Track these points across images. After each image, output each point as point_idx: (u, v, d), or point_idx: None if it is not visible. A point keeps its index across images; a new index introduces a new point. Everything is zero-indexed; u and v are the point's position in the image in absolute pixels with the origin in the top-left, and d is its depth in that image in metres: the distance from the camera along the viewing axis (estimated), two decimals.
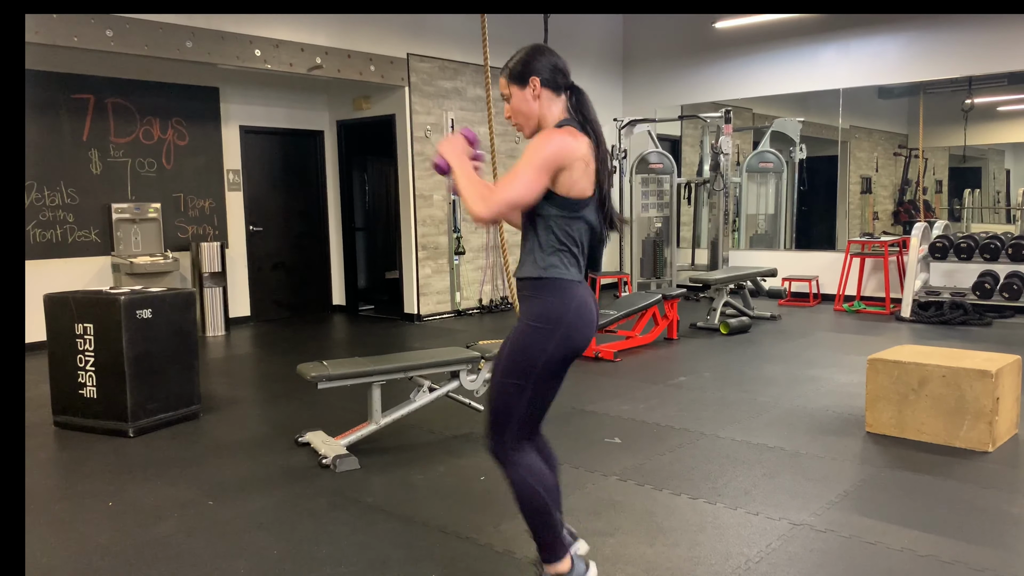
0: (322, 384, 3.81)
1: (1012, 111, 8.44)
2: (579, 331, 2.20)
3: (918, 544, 2.81)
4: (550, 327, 2.17)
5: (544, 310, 2.18)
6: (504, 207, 2.09)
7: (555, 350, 2.17)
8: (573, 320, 2.18)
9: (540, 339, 2.17)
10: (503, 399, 2.21)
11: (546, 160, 2.10)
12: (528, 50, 2.27)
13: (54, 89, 6.80)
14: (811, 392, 4.99)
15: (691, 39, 10.03)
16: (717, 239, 9.22)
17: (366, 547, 2.88)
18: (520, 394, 2.19)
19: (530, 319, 2.19)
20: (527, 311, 2.21)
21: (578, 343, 2.21)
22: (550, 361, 2.18)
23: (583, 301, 2.22)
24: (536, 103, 2.23)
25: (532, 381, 2.18)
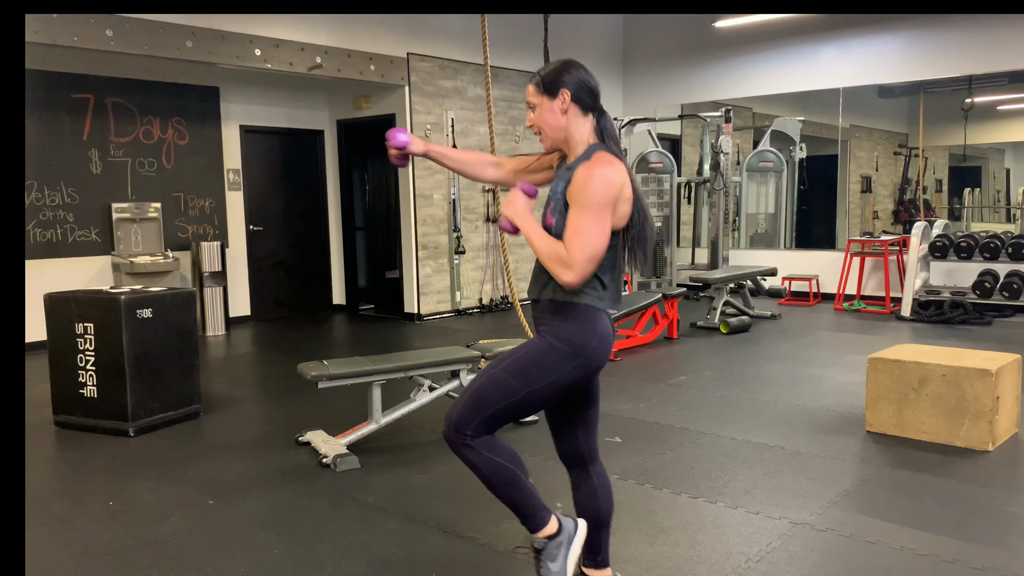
0: (322, 383, 3.81)
1: (1012, 110, 8.44)
2: (597, 360, 2.18)
3: (918, 543, 2.81)
4: (572, 352, 2.14)
5: (571, 334, 2.14)
6: (589, 266, 2.05)
7: (568, 375, 2.15)
8: (595, 350, 2.16)
9: (559, 360, 2.13)
10: (491, 390, 2.15)
11: (604, 204, 2.05)
12: (562, 63, 2.21)
13: (54, 89, 6.80)
14: (811, 391, 4.99)
15: (691, 38, 10.03)
16: (717, 238, 9.22)
17: (367, 546, 2.88)
18: (510, 395, 2.15)
19: (554, 338, 2.15)
20: (551, 330, 2.16)
21: (593, 370, 2.20)
22: (558, 383, 2.15)
23: (606, 331, 2.20)
24: (564, 117, 2.18)
25: (528, 391, 2.15)
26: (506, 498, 2.22)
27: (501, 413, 2.17)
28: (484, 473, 2.18)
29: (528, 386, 2.14)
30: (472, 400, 2.17)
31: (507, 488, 2.20)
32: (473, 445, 2.16)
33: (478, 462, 2.17)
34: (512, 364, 2.17)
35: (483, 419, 2.16)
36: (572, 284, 2.06)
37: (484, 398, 2.17)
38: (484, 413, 2.16)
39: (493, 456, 2.17)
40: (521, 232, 2.16)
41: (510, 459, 2.20)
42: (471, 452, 2.17)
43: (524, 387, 2.15)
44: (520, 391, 2.15)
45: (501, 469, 2.18)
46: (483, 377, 2.19)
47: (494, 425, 2.20)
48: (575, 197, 2.07)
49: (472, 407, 2.17)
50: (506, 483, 2.19)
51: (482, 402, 2.16)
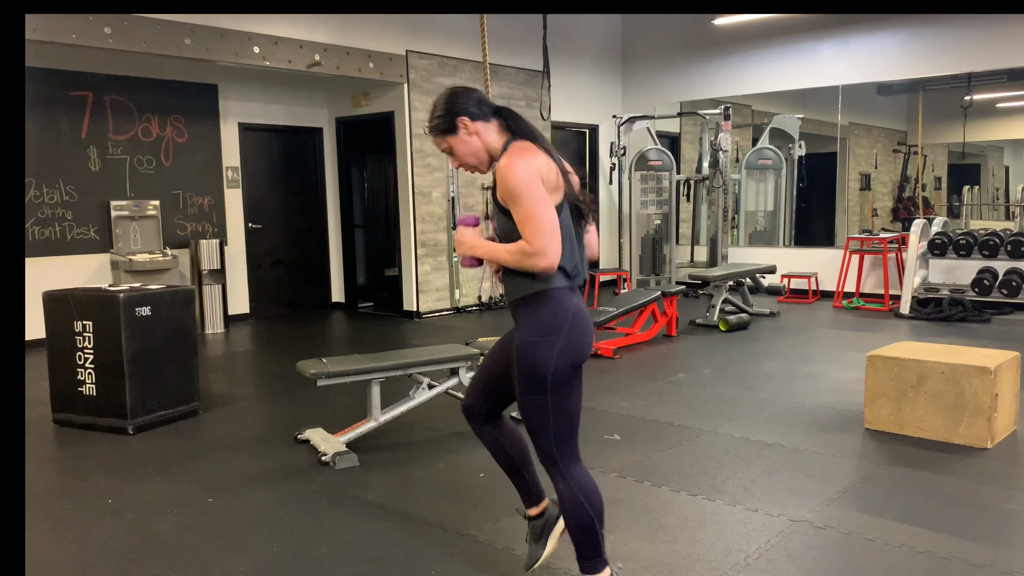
0: (321, 381, 3.81)
1: (1011, 107, 8.44)
2: (580, 338, 2.19)
3: (917, 540, 2.81)
4: (550, 339, 2.14)
5: (540, 323, 2.14)
6: (553, 242, 2.06)
7: (559, 360, 2.14)
8: (572, 328, 2.16)
9: (543, 352, 2.14)
10: (532, 417, 2.19)
11: (531, 184, 2.06)
12: (444, 100, 2.24)
13: (53, 86, 6.79)
14: (810, 389, 5.00)
15: (690, 36, 10.02)
16: (716, 236, 9.22)
17: (366, 544, 2.88)
18: (544, 409, 2.17)
19: (528, 335, 2.16)
20: (524, 327, 2.17)
21: (582, 349, 2.20)
22: (557, 372, 2.15)
23: (578, 309, 2.19)
24: (476, 139, 2.21)
25: (548, 394, 2.16)
26: (573, 534, 2.25)
27: (558, 427, 2.18)
28: (565, 503, 2.22)
29: (543, 390, 2.16)
30: (533, 438, 2.23)
31: (579, 528, 2.23)
32: (570, 475, 2.22)
33: (565, 493, 2.22)
34: (521, 385, 2.19)
35: (554, 442, 2.19)
36: (551, 266, 2.08)
37: (534, 429, 2.21)
38: (547, 437, 2.18)
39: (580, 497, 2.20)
40: (484, 259, 2.19)
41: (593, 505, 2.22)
42: (562, 483, 2.22)
43: (543, 393, 2.16)
44: (546, 399, 2.16)
45: (583, 511, 2.21)
46: (521, 412, 2.23)
47: (568, 444, 2.21)
48: (505, 194, 2.09)
49: (538, 441, 2.21)
50: (580, 524, 2.23)
51: (537, 433, 2.20)
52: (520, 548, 2.80)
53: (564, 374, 2.16)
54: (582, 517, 2.22)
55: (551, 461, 2.22)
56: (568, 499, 2.22)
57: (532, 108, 9.29)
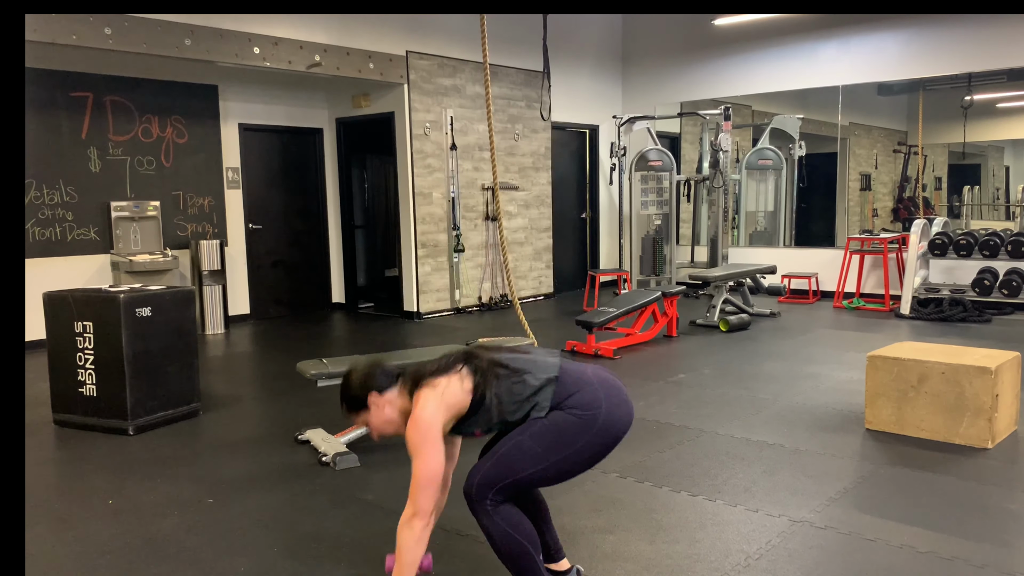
0: (322, 382, 3.82)
1: (1012, 107, 8.43)
2: (616, 422, 2.20)
3: (917, 541, 2.81)
4: (589, 415, 2.16)
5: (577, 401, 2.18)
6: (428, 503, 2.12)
7: (592, 441, 2.17)
8: (608, 411, 2.18)
9: (580, 426, 2.16)
10: (515, 457, 2.18)
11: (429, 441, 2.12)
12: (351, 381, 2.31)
13: (53, 87, 6.79)
14: (811, 389, 4.99)
15: (690, 36, 10.02)
16: (716, 236, 9.22)
17: (366, 544, 2.88)
18: (536, 463, 2.17)
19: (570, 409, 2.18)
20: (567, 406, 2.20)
21: (616, 434, 2.21)
22: (581, 453, 2.17)
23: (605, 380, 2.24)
24: (390, 408, 2.28)
25: (557, 461, 2.17)
26: (511, 568, 2.26)
27: (526, 480, 2.20)
28: (496, 541, 2.22)
29: (554, 454, 2.17)
30: (499, 463, 2.20)
31: (513, 561, 2.23)
32: (491, 512, 2.21)
33: (493, 530, 2.21)
34: (538, 431, 2.19)
35: (506, 484, 2.20)
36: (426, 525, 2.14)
37: (511, 463, 2.19)
38: (508, 479, 2.19)
39: (510, 530, 2.20)
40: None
41: (526, 536, 2.22)
42: (487, 518, 2.21)
43: (550, 455, 2.17)
44: (547, 459, 2.17)
45: (512, 542, 2.21)
46: (510, 443, 2.21)
47: (515, 492, 2.23)
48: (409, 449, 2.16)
49: (498, 471, 2.20)
50: (514, 556, 2.22)
51: (509, 467, 2.19)
52: None
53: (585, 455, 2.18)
54: (514, 547, 2.21)
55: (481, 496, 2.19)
56: (496, 533, 2.21)
57: (532, 108, 9.29)
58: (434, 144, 8.28)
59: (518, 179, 9.23)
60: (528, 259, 9.44)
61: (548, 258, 9.74)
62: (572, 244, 10.44)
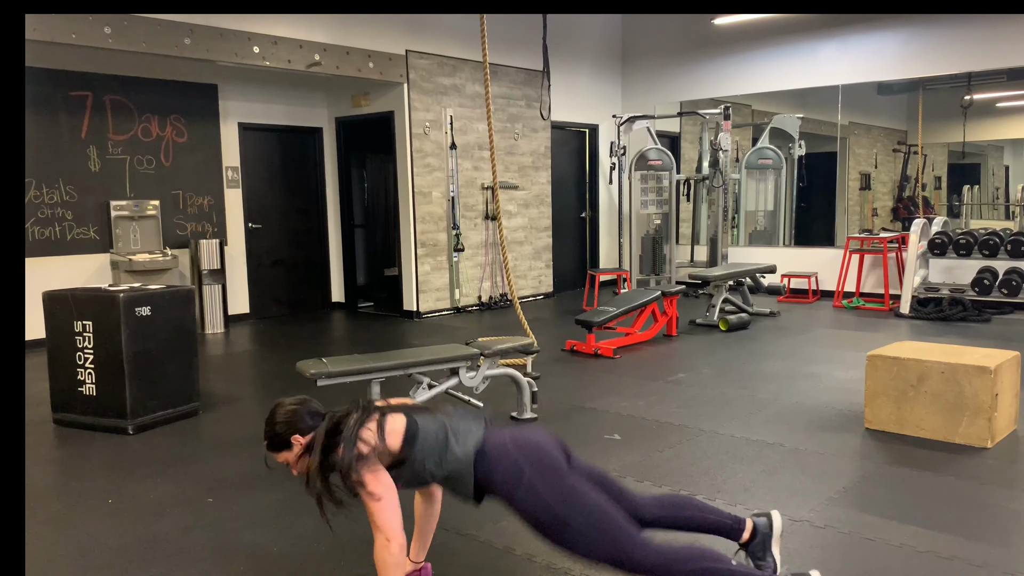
0: (321, 381, 3.81)
1: (1011, 107, 8.44)
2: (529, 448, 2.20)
3: (917, 540, 2.81)
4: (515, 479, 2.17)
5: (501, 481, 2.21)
6: (396, 520, 2.17)
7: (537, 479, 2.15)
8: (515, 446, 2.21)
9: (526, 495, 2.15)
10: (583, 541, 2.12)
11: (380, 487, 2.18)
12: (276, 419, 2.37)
13: (52, 86, 6.79)
14: (810, 388, 5.00)
15: (690, 35, 10.02)
16: (716, 236, 9.22)
17: (366, 544, 2.88)
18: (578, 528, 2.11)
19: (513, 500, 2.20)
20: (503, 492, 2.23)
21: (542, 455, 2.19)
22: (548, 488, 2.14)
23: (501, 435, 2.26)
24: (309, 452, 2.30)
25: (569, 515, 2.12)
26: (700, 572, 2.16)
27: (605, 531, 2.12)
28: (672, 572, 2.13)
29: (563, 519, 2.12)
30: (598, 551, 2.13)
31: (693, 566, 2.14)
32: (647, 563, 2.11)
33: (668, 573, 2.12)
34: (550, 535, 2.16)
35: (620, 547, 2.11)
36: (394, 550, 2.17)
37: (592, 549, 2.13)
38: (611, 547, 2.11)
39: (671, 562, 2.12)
40: None
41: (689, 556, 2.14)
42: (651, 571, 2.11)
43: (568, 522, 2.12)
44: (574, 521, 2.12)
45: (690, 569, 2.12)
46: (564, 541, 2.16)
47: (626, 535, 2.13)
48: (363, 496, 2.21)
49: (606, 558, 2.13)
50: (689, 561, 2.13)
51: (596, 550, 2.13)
52: (520, 548, 2.80)
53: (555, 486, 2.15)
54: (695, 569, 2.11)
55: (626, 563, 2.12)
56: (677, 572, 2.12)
57: (532, 108, 9.29)
58: (434, 143, 8.28)
59: (518, 178, 9.23)
60: (528, 258, 9.44)
61: (548, 257, 9.74)
62: (572, 243, 10.44)
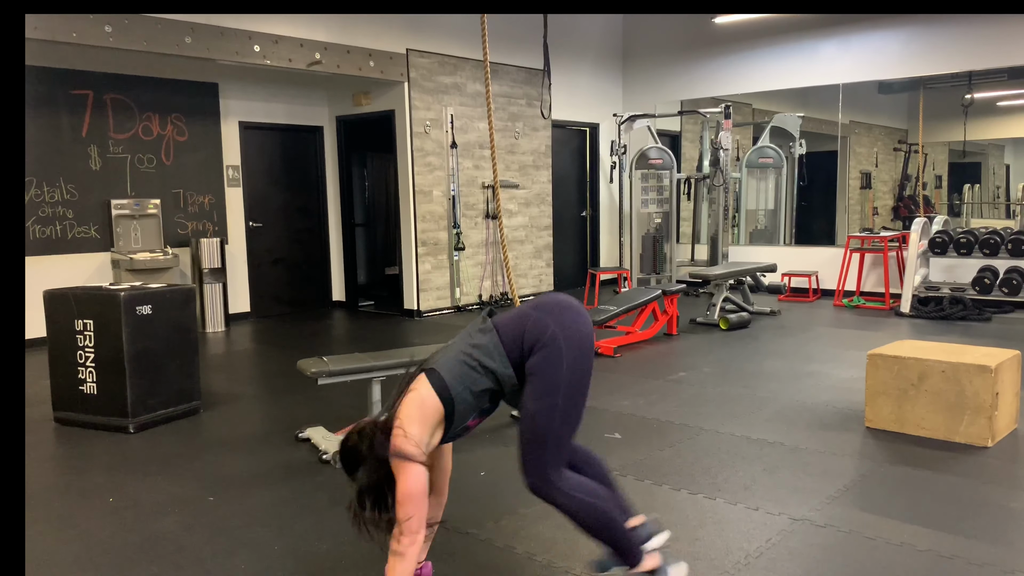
0: (322, 380, 3.82)
1: (1012, 106, 8.43)
2: (576, 326, 2.22)
3: (917, 539, 2.81)
4: (546, 339, 2.19)
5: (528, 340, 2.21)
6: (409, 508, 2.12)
7: (569, 354, 2.19)
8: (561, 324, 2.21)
9: (551, 355, 2.18)
10: (537, 424, 2.19)
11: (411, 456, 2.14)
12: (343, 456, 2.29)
13: (53, 85, 6.79)
14: (811, 387, 5.00)
15: (691, 34, 10.02)
16: (717, 235, 9.22)
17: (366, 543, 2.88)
18: (552, 412, 2.19)
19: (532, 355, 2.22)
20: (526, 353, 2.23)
21: (583, 336, 2.23)
22: (572, 367, 2.19)
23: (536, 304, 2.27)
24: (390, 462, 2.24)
25: (562, 393, 2.19)
26: (600, 536, 2.25)
27: (560, 434, 2.20)
28: (573, 515, 2.21)
29: (556, 391, 2.18)
30: (527, 447, 2.21)
31: (599, 528, 2.23)
32: (561, 488, 2.20)
33: (570, 505, 2.20)
34: (531, 393, 2.21)
35: (550, 455, 2.20)
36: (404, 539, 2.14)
37: (535, 437, 2.20)
38: (546, 449, 2.19)
39: (581, 497, 2.20)
40: None
41: (599, 497, 2.22)
42: (561, 497, 2.20)
43: (555, 395, 2.19)
44: (556, 402, 2.18)
45: (590, 509, 2.21)
46: (523, 426, 2.23)
47: (562, 452, 2.22)
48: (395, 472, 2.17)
49: (533, 453, 2.20)
50: (598, 523, 2.22)
51: (536, 441, 2.20)
52: (520, 547, 2.80)
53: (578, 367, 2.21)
54: (597, 514, 2.21)
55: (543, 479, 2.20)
56: (574, 506, 2.21)
57: (533, 106, 9.29)
58: (434, 142, 8.28)
59: (518, 177, 9.22)
60: (528, 257, 9.44)
61: (548, 256, 9.74)
62: (572, 242, 10.44)
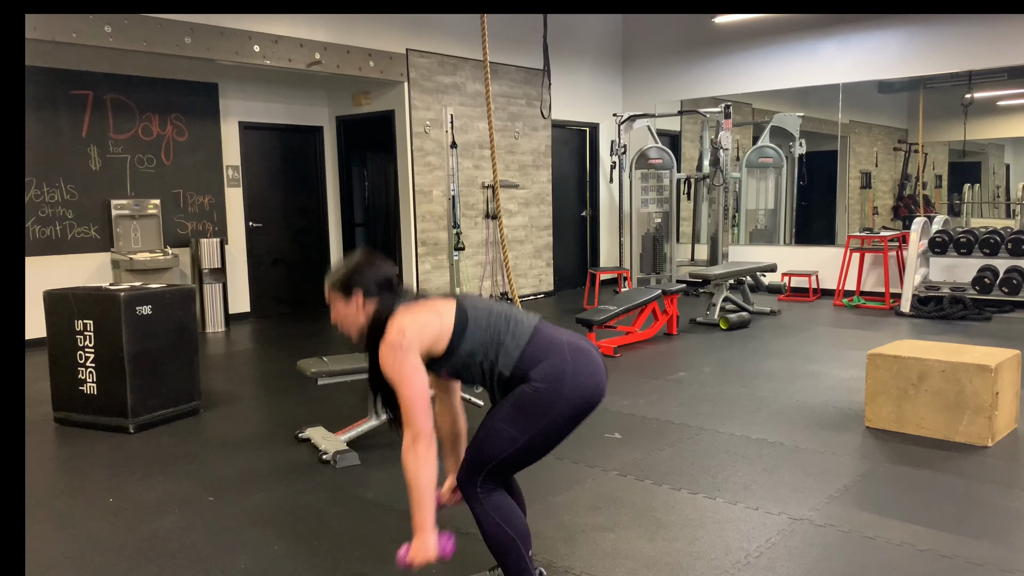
0: (322, 380, 3.82)
1: (1012, 106, 8.43)
2: (586, 382, 2.17)
3: (917, 538, 2.81)
4: (553, 386, 2.14)
5: (542, 371, 2.14)
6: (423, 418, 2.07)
7: (564, 407, 2.15)
8: (575, 372, 2.16)
9: (544, 399, 2.14)
10: (492, 443, 2.18)
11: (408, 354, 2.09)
12: (353, 264, 2.23)
13: (53, 85, 6.79)
14: (811, 387, 4.99)
15: (691, 34, 10.02)
16: (717, 234, 9.22)
17: (367, 542, 2.88)
18: (511, 445, 2.16)
19: (533, 382, 2.15)
20: (531, 377, 2.16)
21: (589, 394, 2.18)
22: (558, 419, 2.15)
23: (577, 348, 2.20)
24: (362, 314, 2.20)
25: (530, 436, 2.16)
26: (498, 559, 2.26)
27: (509, 461, 2.20)
28: (485, 531, 2.23)
29: (525, 432, 2.16)
30: (473, 456, 2.22)
31: (503, 554, 2.24)
32: (482, 500, 2.21)
33: (483, 520, 2.22)
34: (506, 414, 2.18)
35: (490, 469, 2.20)
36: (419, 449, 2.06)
37: (489, 448, 2.19)
38: (489, 463, 2.19)
39: (498, 519, 2.21)
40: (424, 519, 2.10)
41: (516, 530, 2.22)
42: (478, 506, 2.22)
43: (522, 434, 2.16)
44: (521, 437, 2.17)
45: (502, 534, 2.21)
46: (483, 430, 2.22)
47: (502, 475, 2.23)
48: (388, 376, 2.12)
49: (475, 463, 2.21)
50: (504, 550, 2.23)
51: (483, 457, 2.20)
52: None
53: (561, 423, 2.17)
54: (503, 540, 2.21)
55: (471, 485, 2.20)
56: (487, 523, 2.21)
57: (532, 106, 9.29)
58: (434, 142, 8.28)
59: (518, 177, 9.22)
60: (528, 257, 9.44)
61: (548, 256, 9.74)
62: (572, 242, 10.44)
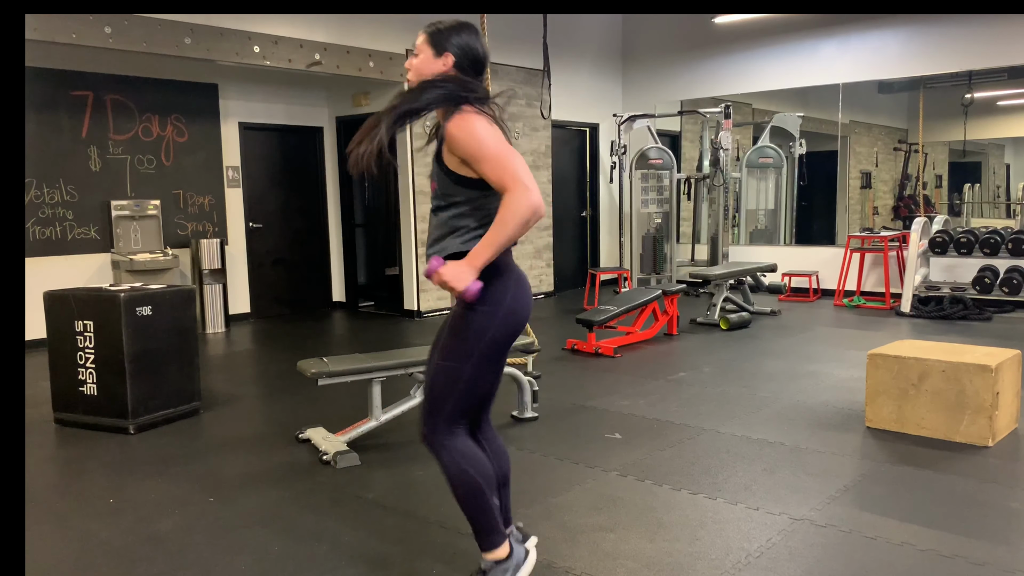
0: (322, 380, 3.81)
1: (1012, 105, 8.43)
2: (520, 309, 2.18)
3: (918, 538, 2.81)
4: (492, 308, 2.13)
5: (485, 292, 2.11)
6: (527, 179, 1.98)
7: (498, 331, 2.14)
8: (514, 299, 2.16)
9: (482, 321, 2.13)
10: (440, 382, 2.17)
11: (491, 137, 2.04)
12: (458, 25, 2.20)
13: (53, 86, 6.79)
14: (811, 387, 4.99)
15: (691, 34, 10.02)
16: (717, 234, 9.22)
17: (367, 543, 2.88)
18: (458, 377, 2.15)
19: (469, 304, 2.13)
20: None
21: (520, 320, 2.19)
22: (493, 342, 2.15)
23: (519, 277, 2.21)
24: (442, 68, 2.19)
25: (472, 363, 2.15)
26: (465, 508, 2.24)
27: (463, 398, 2.18)
28: (450, 476, 2.21)
29: (468, 358, 2.14)
30: (428, 404, 2.21)
31: (468, 500, 2.22)
32: (447, 445, 2.19)
33: (448, 466, 2.20)
34: (444, 348, 2.18)
35: (446, 414, 2.18)
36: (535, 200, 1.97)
37: (435, 395, 2.19)
38: (444, 408, 2.18)
39: (465, 466, 2.19)
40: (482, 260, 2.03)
41: (480, 474, 2.21)
42: (444, 453, 2.20)
43: (466, 361, 2.15)
44: (464, 367, 2.15)
45: (468, 480, 2.19)
46: (428, 374, 2.21)
47: (462, 413, 2.21)
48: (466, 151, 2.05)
49: (431, 410, 2.20)
50: (469, 495, 2.21)
51: (436, 401, 2.19)
52: None
53: (497, 345, 2.16)
54: (470, 485, 2.19)
55: (432, 433, 2.19)
56: (452, 468, 2.19)
57: (532, 107, 9.29)
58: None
59: None
60: (528, 257, 9.44)
61: (548, 256, 9.74)
62: (572, 242, 10.43)
